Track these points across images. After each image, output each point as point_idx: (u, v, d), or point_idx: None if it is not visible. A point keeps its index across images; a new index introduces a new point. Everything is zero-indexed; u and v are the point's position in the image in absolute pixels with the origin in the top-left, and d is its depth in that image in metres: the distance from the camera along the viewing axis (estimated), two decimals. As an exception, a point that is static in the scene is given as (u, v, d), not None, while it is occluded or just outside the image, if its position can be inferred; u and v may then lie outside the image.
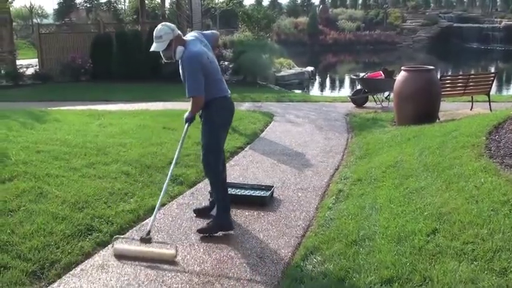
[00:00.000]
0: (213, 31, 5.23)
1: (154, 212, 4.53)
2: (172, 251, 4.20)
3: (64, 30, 20.43)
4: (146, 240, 4.29)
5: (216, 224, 4.70)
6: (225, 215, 4.75)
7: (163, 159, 6.77)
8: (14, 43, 19.88)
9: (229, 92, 4.86)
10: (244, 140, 8.38)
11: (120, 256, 4.22)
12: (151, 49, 4.62)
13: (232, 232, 4.73)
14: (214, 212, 4.89)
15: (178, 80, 4.76)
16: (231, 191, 5.67)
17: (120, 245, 4.37)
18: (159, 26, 4.59)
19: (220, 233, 4.67)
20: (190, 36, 4.78)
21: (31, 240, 4.27)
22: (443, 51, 34.26)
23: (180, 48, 4.54)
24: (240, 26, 23.21)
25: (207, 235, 4.63)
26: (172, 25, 4.61)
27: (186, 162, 6.79)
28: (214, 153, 4.73)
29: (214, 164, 4.72)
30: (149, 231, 4.33)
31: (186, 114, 4.79)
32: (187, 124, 4.80)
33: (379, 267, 3.67)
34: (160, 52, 4.61)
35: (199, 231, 4.68)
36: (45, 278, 3.87)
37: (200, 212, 5.17)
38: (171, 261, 4.13)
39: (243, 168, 6.83)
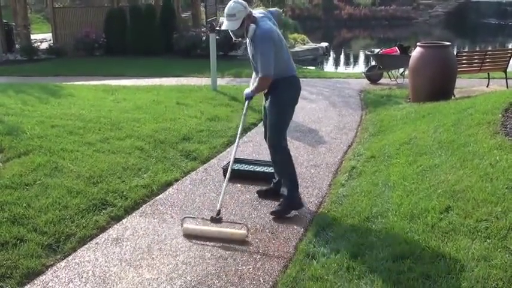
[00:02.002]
0: (276, 8, 5.04)
1: (222, 191, 4.42)
2: (243, 231, 4.17)
3: (78, 5, 20.38)
4: (217, 220, 4.24)
5: (288, 204, 4.60)
6: (295, 194, 4.65)
7: (176, 134, 6.79)
8: (28, 17, 19.89)
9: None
10: (257, 116, 8.34)
11: (190, 236, 4.19)
12: (223, 28, 4.44)
13: (304, 208, 4.69)
14: (284, 191, 4.74)
15: (191, 55, 4.73)
16: (244, 167, 5.70)
17: (190, 224, 4.32)
18: (232, 4, 4.35)
19: (292, 213, 4.59)
20: (258, 13, 4.57)
21: (46, 214, 4.33)
22: (460, 26, 33.72)
23: (252, 26, 4.35)
24: (253, 0, 23.00)
25: (280, 217, 4.53)
26: (244, 2, 4.40)
27: (199, 138, 6.81)
28: (283, 131, 4.63)
29: (283, 143, 4.63)
30: (219, 211, 4.26)
31: (247, 90, 4.69)
32: (247, 102, 4.71)
33: (391, 244, 3.68)
34: (230, 31, 4.44)
35: (273, 213, 4.56)
36: (61, 251, 3.93)
37: (264, 194, 5.04)
38: (242, 240, 4.10)
39: (256, 145, 6.83)
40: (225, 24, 4.41)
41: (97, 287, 3.46)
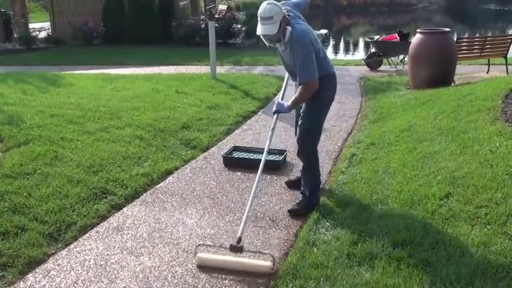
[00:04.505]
0: None
1: (244, 217, 3.79)
2: (268, 263, 3.54)
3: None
4: (237, 249, 3.60)
5: (308, 205, 4.41)
6: (316, 196, 4.50)
7: (176, 123, 6.78)
8: (26, 6, 19.79)
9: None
10: (257, 104, 8.36)
11: (204, 267, 3.57)
12: (259, 32, 4.05)
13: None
14: (305, 191, 4.50)
15: (190, 43, 4.62)
16: (243, 155, 5.71)
17: (205, 254, 3.69)
18: (267, 6, 3.96)
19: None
20: (284, 10, 4.12)
21: (47, 203, 4.33)
22: (460, 12, 33.57)
23: (288, 29, 4.00)
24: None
25: (297, 215, 4.36)
26: (278, 3, 4.04)
27: (199, 126, 6.81)
28: (316, 133, 4.38)
29: (313, 144, 4.41)
30: (240, 238, 3.63)
31: (279, 106, 4.26)
32: (276, 116, 4.29)
33: (391, 230, 3.69)
34: (264, 36, 4.07)
35: (290, 212, 4.40)
36: (62, 240, 3.93)
37: (292, 184, 4.96)
38: (267, 274, 3.48)
39: (256, 133, 6.83)
40: (261, 29, 4.03)
41: (98, 275, 3.48)
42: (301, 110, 4.39)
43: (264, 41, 4.18)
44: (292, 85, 4.53)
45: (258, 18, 4.05)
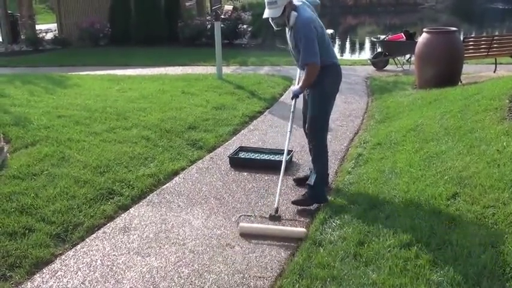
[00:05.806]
0: None
1: (278, 189, 4.42)
2: (303, 229, 4.04)
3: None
4: (275, 218, 4.23)
5: (311, 196, 4.50)
6: (322, 188, 4.57)
7: (182, 123, 6.79)
8: (33, 8, 19.88)
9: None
10: (263, 104, 8.36)
11: (247, 234, 4.02)
12: (264, 16, 4.36)
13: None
14: (310, 181, 4.58)
15: (196, 43, 4.67)
16: (250, 155, 5.71)
17: (246, 223, 4.19)
18: None
19: (314, 206, 4.51)
20: (296, 1, 4.41)
21: (54, 204, 4.35)
22: (467, 12, 33.43)
23: (294, 14, 4.24)
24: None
25: (301, 207, 4.48)
26: None
27: (205, 127, 6.81)
28: (323, 124, 4.54)
29: (322, 135, 4.54)
30: (277, 209, 4.27)
31: (294, 88, 4.58)
32: (295, 100, 4.60)
33: (398, 231, 3.68)
34: (270, 19, 4.36)
35: (294, 202, 4.52)
36: (69, 240, 3.95)
37: (300, 182, 5.01)
38: (302, 238, 3.90)
39: (262, 133, 6.83)
40: (266, 12, 4.32)
41: (105, 275, 3.49)
42: (307, 97, 4.57)
43: (272, 25, 4.46)
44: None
45: (265, 3, 4.33)
